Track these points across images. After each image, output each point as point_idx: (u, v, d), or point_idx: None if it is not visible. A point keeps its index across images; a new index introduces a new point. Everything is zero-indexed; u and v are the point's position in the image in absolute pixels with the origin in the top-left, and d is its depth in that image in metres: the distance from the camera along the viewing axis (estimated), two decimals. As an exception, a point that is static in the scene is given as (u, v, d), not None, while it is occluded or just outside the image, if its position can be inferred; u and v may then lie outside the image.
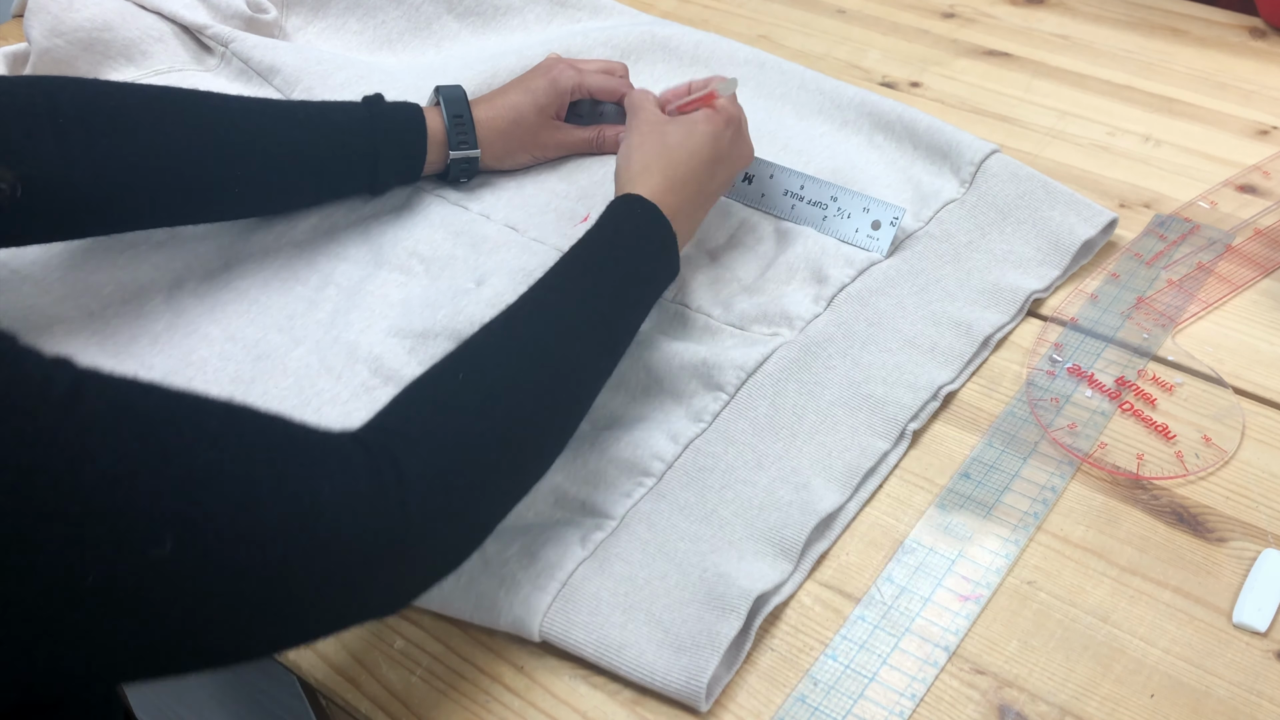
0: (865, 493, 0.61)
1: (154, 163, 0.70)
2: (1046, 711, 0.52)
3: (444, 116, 0.78)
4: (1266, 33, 0.98)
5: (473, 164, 0.81)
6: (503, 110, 0.80)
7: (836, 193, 0.76)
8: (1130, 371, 0.67)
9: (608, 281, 0.62)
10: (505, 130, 0.80)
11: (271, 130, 0.74)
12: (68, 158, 0.66)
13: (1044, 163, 0.84)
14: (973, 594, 0.56)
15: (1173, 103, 0.90)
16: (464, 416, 0.52)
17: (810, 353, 0.67)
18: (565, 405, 0.58)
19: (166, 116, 0.71)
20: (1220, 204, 0.80)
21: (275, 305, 0.75)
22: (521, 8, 1.01)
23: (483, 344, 0.56)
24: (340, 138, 0.76)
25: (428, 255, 0.77)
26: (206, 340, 0.73)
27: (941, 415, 0.66)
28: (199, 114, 0.72)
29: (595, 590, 0.56)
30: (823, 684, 0.53)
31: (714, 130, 0.69)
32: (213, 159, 0.72)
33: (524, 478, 0.55)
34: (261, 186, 0.75)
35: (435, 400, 0.52)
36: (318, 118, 0.76)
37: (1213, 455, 0.63)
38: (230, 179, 0.73)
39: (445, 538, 0.50)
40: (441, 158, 0.80)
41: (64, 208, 0.67)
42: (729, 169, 0.72)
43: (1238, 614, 0.55)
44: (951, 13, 1.04)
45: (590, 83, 0.81)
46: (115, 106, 0.69)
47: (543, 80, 0.81)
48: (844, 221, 0.75)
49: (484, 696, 0.55)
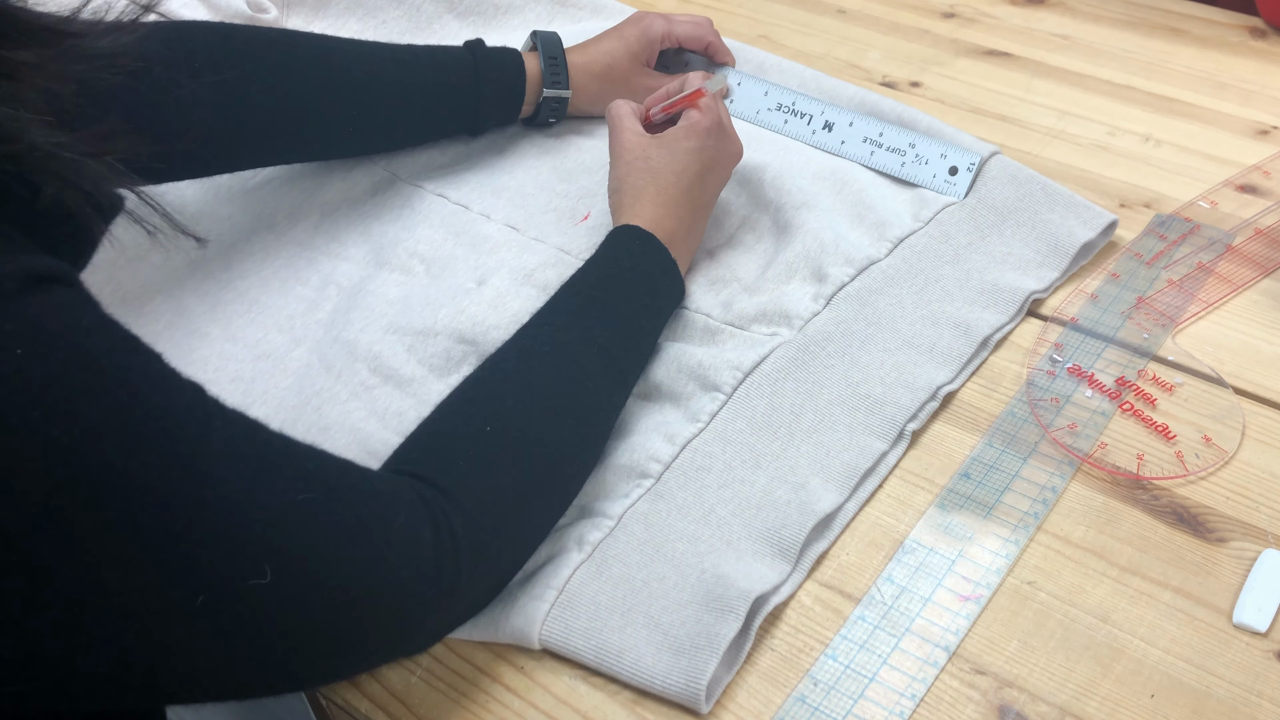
0: (864, 493, 0.61)
1: (279, 103, 0.73)
2: (1046, 711, 0.52)
3: (540, 58, 0.82)
4: (1266, 33, 0.98)
5: (563, 105, 0.85)
6: (598, 56, 0.85)
7: (915, 139, 0.79)
8: (1130, 371, 0.67)
9: (613, 310, 0.64)
10: (600, 74, 0.85)
11: (383, 72, 0.77)
12: (201, 101, 0.69)
13: (1044, 163, 0.84)
14: (973, 594, 0.56)
15: (1173, 103, 0.91)
16: (497, 471, 0.54)
17: (808, 352, 0.67)
18: (587, 443, 0.61)
19: (289, 58, 0.74)
20: (1220, 204, 0.80)
21: (276, 305, 0.75)
22: (522, 7, 1.01)
23: (500, 389, 0.58)
24: (446, 79, 0.80)
25: (428, 255, 0.77)
26: (207, 340, 0.73)
27: (941, 415, 0.66)
28: (317, 56, 0.75)
29: (593, 594, 0.55)
30: (823, 684, 0.53)
31: (698, 144, 0.70)
32: (332, 99, 0.75)
33: (552, 516, 0.59)
34: (375, 126, 0.79)
35: (469, 455, 0.54)
36: (425, 60, 0.79)
37: (1213, 455, 0.63)
38: (347, 118, 0.77)
39: (487, 581, 0.55)
40: (536, 100, 0.84)
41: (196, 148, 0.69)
42: (719, 175, 0.73)
43: (1238, 614, 0.55)
44: (951, 13, 1.04)
45: (679, 31, 0.86)
46: (241, 50, 0.72)
47: (635, 29, 0.85)
48: (922, 167, 0.79)
49: (484, 696, 0.55)
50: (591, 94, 0.85)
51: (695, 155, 0.70)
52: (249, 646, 0.42)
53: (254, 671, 0.44)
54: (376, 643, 0.49)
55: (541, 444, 0.57)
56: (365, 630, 0.47)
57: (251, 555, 0.40)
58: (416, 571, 0.48)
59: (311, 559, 0.43)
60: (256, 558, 0.40)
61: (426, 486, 0.51)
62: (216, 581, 0.39)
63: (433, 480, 0.51)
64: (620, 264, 0.66)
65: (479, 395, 0.58)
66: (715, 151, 0.71)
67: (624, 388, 0.64)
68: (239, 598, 0.40)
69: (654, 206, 0.68)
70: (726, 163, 0.73)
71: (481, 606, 0.55)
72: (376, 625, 0.47)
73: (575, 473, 0.60)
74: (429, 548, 0.48)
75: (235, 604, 0.40)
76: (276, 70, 0.73)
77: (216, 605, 0.39)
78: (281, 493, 0.42)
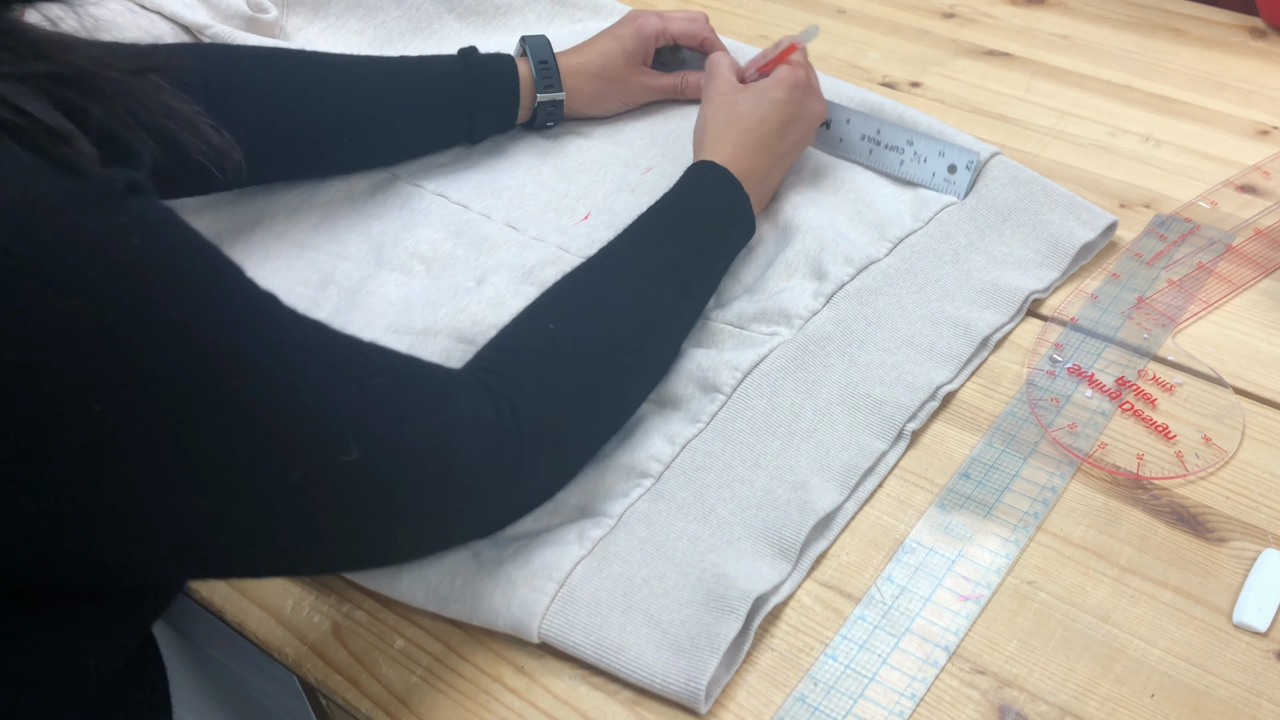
0: (863, 492, 0.61)
1: (270, 121, 0.74)
2: (1046, 711, 0.52)
3: (531, 63, 0.82)
4: (1266, 33, 0.98)
5: (558, 108, 0.85)
6: (592, 57, 0.85)
7: (913, 137, 0.79)
8: (1130, 371, 0.67)
9: (682, 232, 0.67)
10: (596, 75, 0.85)
11: (377, 85, 0.78)
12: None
13: (1044, 163, 0.84)
14: (973, 594, 0.56)
15: (1173, 103, 0.91)
16: (559, 362, 0.58)
17: (808, 352, 0.67)
18: (649, 348, 0.63)
19: (280, 75, 0.75)
20: (1220, 204, 0.80)
21: (275, 305, 0.75)
22: (522, 7, 1.01)
23: (567, 295, 0.62)
24: (440, 89, 0.80)
25: (428, 255, 0.77)
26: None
27: (941, 415, 0.66)
28: (308, 72, 0.76)
29: (594, 590, 0.55)
30: (823, 684, 0.53)
31: (783, 95, 0.74)
32: (325, 115, 0.76)
33: (614, 416, 0.62)
34: (370, 139, 0.80)
35: (532, 348, 0.58)
36: (417, 71, 0.80)
37: (1213, 455, 0.63)
38: (341, 133, 0.78)
39: (549, 469, 0.58)
40: (531, 104, 0.84)
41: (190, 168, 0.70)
42: (800, 129, 0.76)
43: (1238, 614, 0.55)
44: (951, 13, 1.04)
45: (673, 28, 0.86)
46: (231, 68, 0.73)
47: (629, 28, 0.85)
48: (920, 166, 0.79)
49: (484, 696, 0.55)
50: (588, 95, 0.85)
51: (780, 106, 0.73)
52: (342, 520, 0.46)
53: (345, 545, 0.48)
54: (452, 518, 0.53)
55: (604, 339, 0.60)
56: (442, 504, 0.51)
57: (338, 434, 0.44)
58: (483, 447, 0.51)
59: (390, 437, 0.46)
60: (343, 436, 0.44)
61: (489, 374, 0.55)
62: (311, 458, 0.43)
63: (496, 370, 0.55)
64: (694, 192, 0.69)
65: (546, 303, 0.61)
66: (799, 107, 0.75)
67: (691, 302, 0.67)
68: (330, 473, 0.44)
69: (733, 147, 0.72)
70: (809, 119, 0.76)
71: (548, 494, 0.59)
72: (451, 499, 0.51)
73: (637, 374, 0.63)
74: (492, 426, 0.52)
75: (328, 479, 0.44)
76: (271, 89, 0.73)
77: (312, 480, 0.43)
78: (357, 379, 0.46)
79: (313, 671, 0.57)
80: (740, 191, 0.70)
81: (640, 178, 0.82)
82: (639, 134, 0.88)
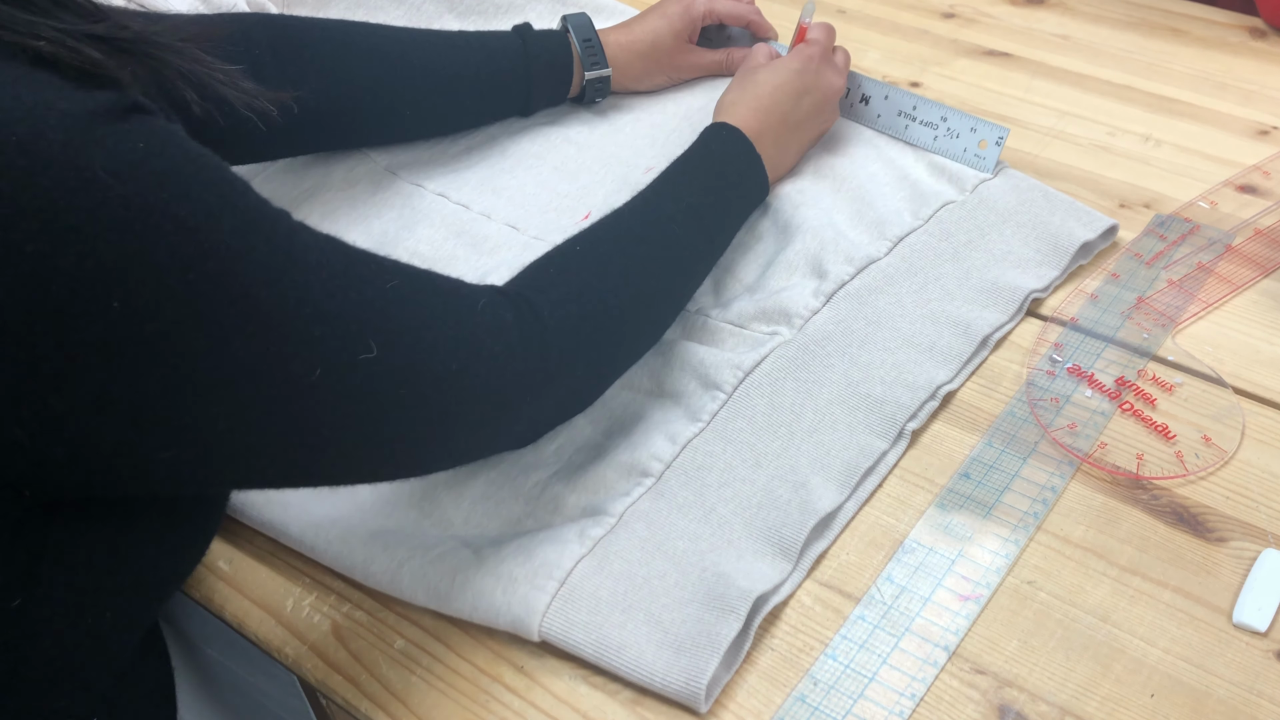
0: (864, 492, 0.61)
1: (335, 88, 0.76)
2: (1046, 711, 0.52)
3: (575, 41, 0.85)
4: (1266, 33, 0.98)
5: (605, 83, 0.88)
6: (640, 35, 0.88)
7: (946, 113, 0.82)
8: (1130, 371, 0.67)
9: (699, 181, 0.69)
10: (644, 53, 0.88)
11: (438, 57, 0.80)
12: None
13: (1044, 163, 0.85)
14: (973, 594, 0.57)
15: (1173, 103, 0.91)
16: (586, 278, 0.59)
17: (808, 351, 0.67)
18: (671, 274, 0.66)
19: (345, 45, 0.77)
20: (1220, 204, 0.80)
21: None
22: (523, 6, 1.01)
23: (592, 229, 0.63)
24: (498, 63, 0.83)
25: (429, 255, 0.77)
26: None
27: (941, 415, 0.66)
28: (372, 43, 0.78)
29: (594, 589, 0.56)
30: (823, 684, 0.53)
31: (798, 65, 0.78)
32: (389, 85, 0.78)
33: (640, 333, 0.64)
34: (431, 110, 0.82)
35: (560, 267, 0.60)
36: (476, 45, 0.82)
37: (1213, 455, 0.63)
38: (404, 104, 0.80)
39: (577, 377, 0.59)
40: (580, 81, 0.87)
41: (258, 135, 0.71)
42: (815, 99, 0.79)
43: (1238, 614, 0.55)
44: (951, 13, 1.04)
45: (719, 8, 0.89)
46: (301, 39, 0.75)
47: (677, 6, 0.88)
48: (953, 141, 0.81)
49: (484, 696, 0.55)
50: (636, 72, 0.88)
51: (795, 75, 0.77)
52: (367, 420, 0.46)
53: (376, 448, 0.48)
54: (479, 422, 0.53)
55: (626, 258, 0.62)
56: (467, 407, 0.51)
57: (356, 331, 0.44)
58: (506, 348, 0.52)
59: (409, 334, 0.47)
60: (361, 333, 0.44)
61: (509, 287, 0.56)
62: (330, 355, 0.43)
63: (519, 286, 0.57)
64: (708, 147, 0.72)
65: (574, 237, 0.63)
66: (815, 76, 0.78)
67: (709, 240, 0.70)
68: (351, 370, 0.44)
69: (745, 110, 0.75)
70: (824, 90, 0.79)
71: (579, 402, 0.61)
72: (477, 402, 0.51)
73: (659, 297, 0.65)
74: (514, 328, 0.53)
75: (349, 376, 0.44)
76: (335, 59, 0.76)
77: (334, 378, 0.43)
78: (372, 282, 0.46)
79: (313, 671, 0.57)
80: (752, 150, 0.73)
81: (640, 178, 0.82)
82: (639, 134, 0.88)
